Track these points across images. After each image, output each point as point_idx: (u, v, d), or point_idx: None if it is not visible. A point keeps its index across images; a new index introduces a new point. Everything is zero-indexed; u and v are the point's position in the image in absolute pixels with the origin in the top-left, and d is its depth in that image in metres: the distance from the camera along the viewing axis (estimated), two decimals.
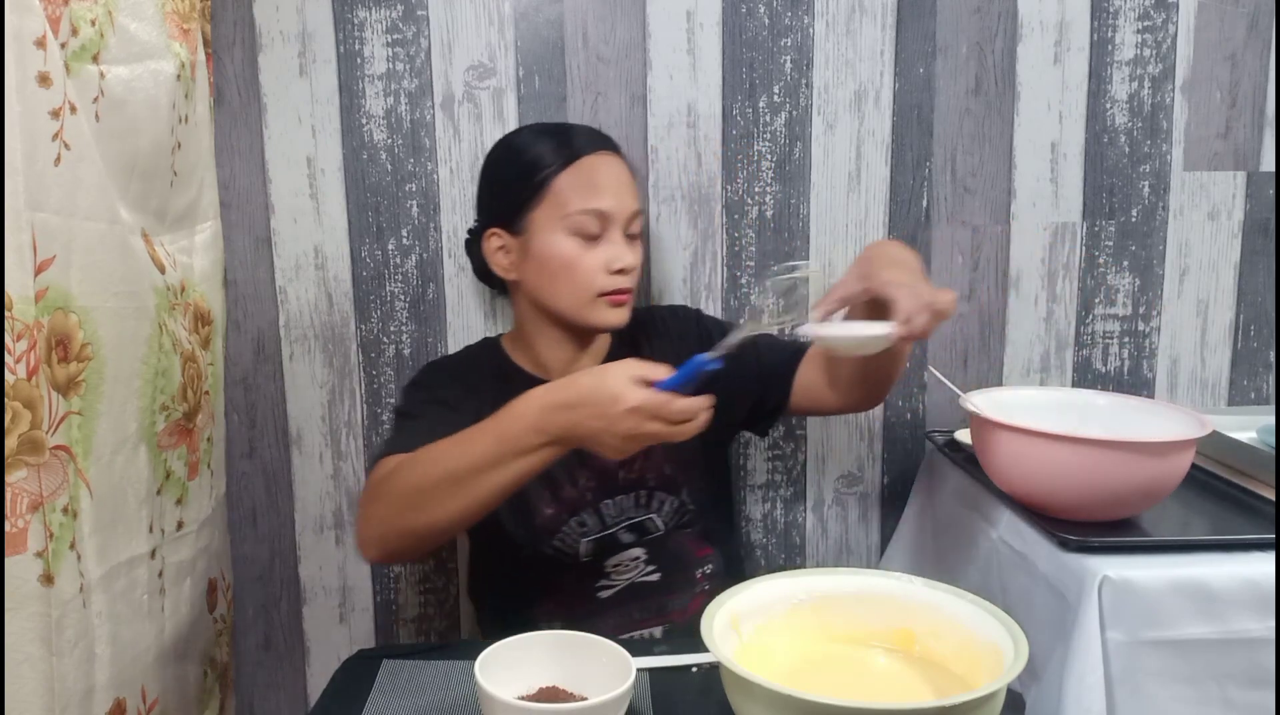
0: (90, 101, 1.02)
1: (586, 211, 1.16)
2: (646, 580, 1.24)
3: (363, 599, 1.55)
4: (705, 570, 1.27)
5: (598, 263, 1.18)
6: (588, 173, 1.18)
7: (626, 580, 1.23)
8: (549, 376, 1.25)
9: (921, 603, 0.90)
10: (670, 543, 1.25)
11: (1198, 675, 1.02)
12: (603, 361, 1.26)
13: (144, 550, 1.14)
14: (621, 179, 1.21)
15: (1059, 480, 1.09)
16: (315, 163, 1.45)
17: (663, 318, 1.34)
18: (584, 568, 1.23)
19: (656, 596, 1.24)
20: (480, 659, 0.86)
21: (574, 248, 1.17)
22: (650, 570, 1.24)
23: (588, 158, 1.19)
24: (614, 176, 1.20)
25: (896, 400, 1.56)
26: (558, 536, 1.22)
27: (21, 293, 0.89)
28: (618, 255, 1.18)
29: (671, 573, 1.25)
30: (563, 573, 1.23)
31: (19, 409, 0.89)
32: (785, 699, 0.71)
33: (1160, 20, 1.49)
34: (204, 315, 1.35)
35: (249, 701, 1.57)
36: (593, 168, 1.19)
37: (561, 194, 1.17)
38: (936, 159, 1.50)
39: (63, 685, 0.95)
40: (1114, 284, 1.55)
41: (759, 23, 1.45)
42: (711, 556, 1.27)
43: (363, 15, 1.41)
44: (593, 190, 1.17)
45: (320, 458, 1.51)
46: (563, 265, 1.18)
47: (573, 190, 1.17)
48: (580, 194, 1.17)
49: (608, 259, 1.17)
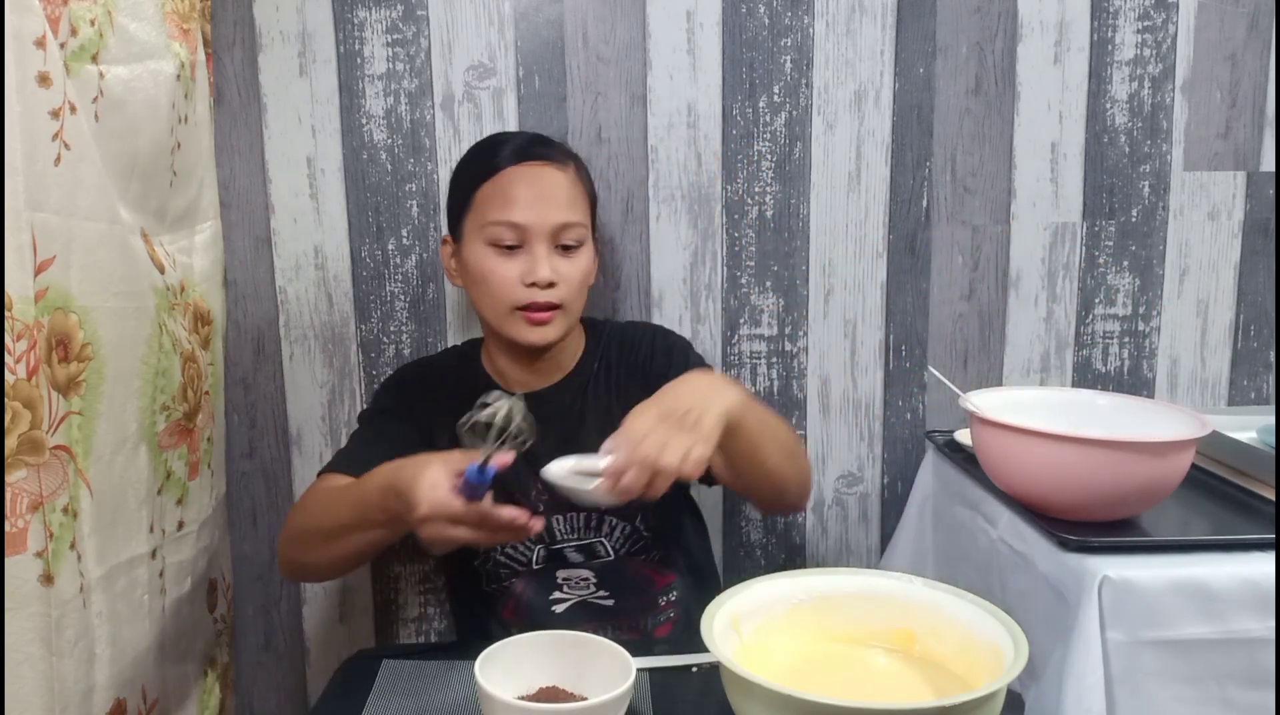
0: (90, 101, 1.02)
1: (499, 223, 1.16)
2: (599, 603, 1.23)
3: (363, 599, 1.55)
4: (670, 597, 1.25)
5: (513, 274, 1.16)
6: (505, 184, 1.17)
7: (578, 596, 1.23)
8: (507, 386, 1.25)
9: (921, 603, 0.90)
10: (626, 569, 1.24)
11: (1198, 675, 1.02)
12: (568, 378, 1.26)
13: (144, 550, 1.14)
14: (546, 191, 1.17)
15: (1059, 480, 1.09)
16: (315, 163, 1.45)
17: (634, 338, 1.29)
18: (538, 576, 1.23)
19: (614, 619, 1.22)
20: (480, 659, 0.86)
21: (491, 259, 1.17)
22: (602, 594, 1.23)
23: (510, 169, 1.18)
24: (536, 188, 1.17)
25: (896, 400, 1.56)
26: (509, 545, 1.22)
27: (21, 293, 0.89)
28: (531, 268, 1.15)
29: (626, 598, 1.23)
30: (519, 579, 1.23)
31: (19, 409, 0.89)
32: (785, 699, 0.71)
33: (1160, 20, 1.49)
34: (204, 315, 1.35)
35: (249, 701, 1.56)
36: (511, 180, 1.17)
37: (480, 205, 1.19)
38: (936, 159, 1.50)
39: (63, 685, 0.95)
40: (1114, 284, 1.55)
41: (759, 23, 1.45)
42: (675, 583, 1.26)
43: (363, 15, 1.41)
44: (506, 202, 1.16)
45: (320, 458, 1.51)
46: (481, 276, 1.18)
47: (488, 202, 1.18)
48: (495, 205, 1.17)
49: (522, 271, 1.16)
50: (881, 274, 1.53)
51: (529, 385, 1.25)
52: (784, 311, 1.52)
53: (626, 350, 1.28)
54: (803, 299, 1.52)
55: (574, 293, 1.19)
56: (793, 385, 1.54)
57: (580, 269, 1.20)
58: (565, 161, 1.22)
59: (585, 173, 1.26)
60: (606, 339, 1.29)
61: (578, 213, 1.20)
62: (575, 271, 1.19)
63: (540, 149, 1.21)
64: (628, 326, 1.35)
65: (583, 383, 1.26)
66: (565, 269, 1.18)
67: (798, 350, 1.53)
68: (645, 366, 1.25)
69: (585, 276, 1.21)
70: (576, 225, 1.19)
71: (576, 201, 1.20)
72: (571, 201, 1.19)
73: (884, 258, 1.52)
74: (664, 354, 1.26)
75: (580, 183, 1.22)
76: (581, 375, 1.27)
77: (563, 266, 1.18)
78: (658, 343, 1.28)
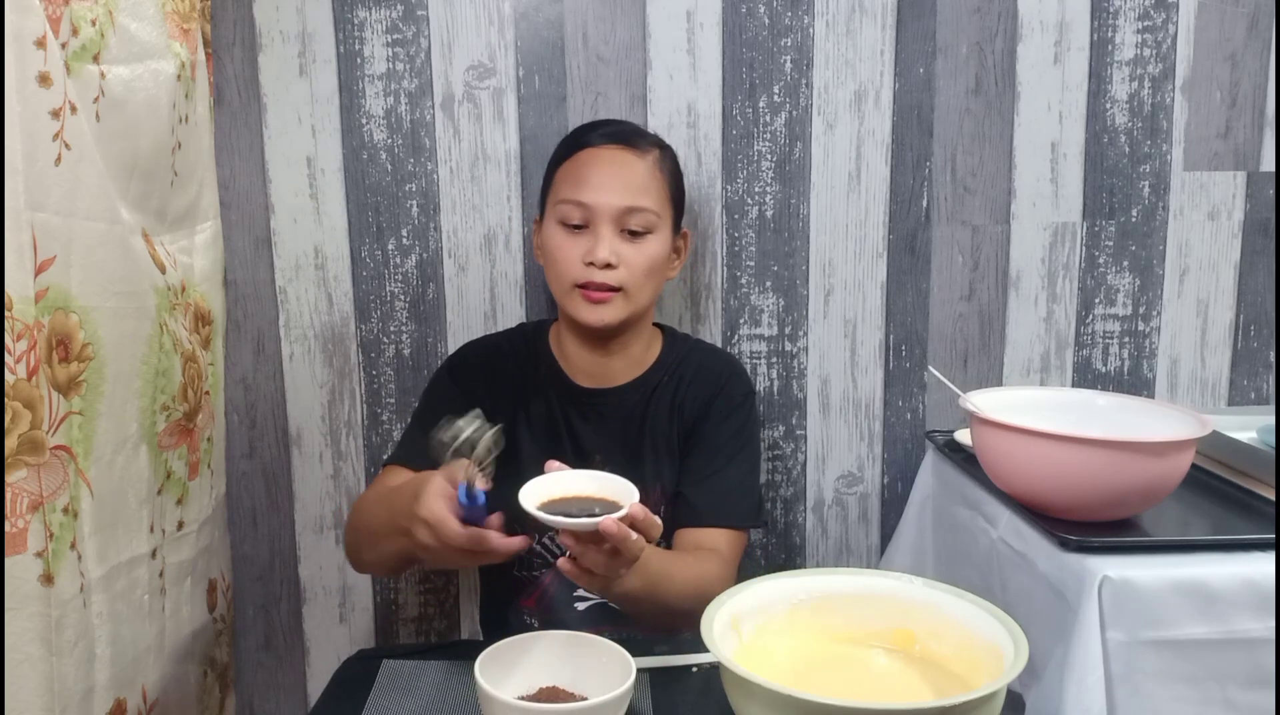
0: (91, 101, 1.02)
1: (569, 201, 1.19)
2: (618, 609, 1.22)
3: (363, 599, 1.55)
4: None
5: (576, 253, 1.18)
6: (580, 165, 1.21)
7: (599, 599, 1.23)
8: (568, 368, 1.27)
9: (921, 603, 0.90)
10: None
11: (1198, 675, 1.02)
12: (634, 383, 1.26)
13: (144, 550, 1.14)
14: (619, 174, 1.19)
15: (1059, 480, 1.09)
16: (315, 163, 1.45)
17: (715, 367, 1.29)
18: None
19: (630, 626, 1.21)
20: (480, 659, 0.86)
21: (560, 236, 1.20)
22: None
23: (587, 150, 1.21)
24: (609, 170, 1.19)
25: (896, 400, 1.56)
26: (549, 534, 1.22)
27: (21, 293, 0.88)
28: (592, 247, 1.17)
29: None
30: (549, 571, 1.25)
31: (19, 409, 0.89)
32: (785, 699, 0.71)
33: (1160, 20, 1.49)
34: (204, 315, 1.35)
35: (249, 701, 1.56)
36: (587, 160, 1.20)
37: (557, 183, 1.22)
38: (936, 159, 1.50)
39: (63, 685, 0.95)
40: (1114, 284, 1.55)
41: (759, 23, 1.45)
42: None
43: (363, 15, 1.41)
44: (578, 182, 1.19)
45: (320, 458, 1.51)
46: (549, 252, 1.22)
47: (564, 180, 1.21)
48: (568, 184, 1.20)
49: (584, 250, 1.18)
50: (881, 274, 1.53)
51: (595, 380, 1.26)
52: (784, 311, 1.52)
53: (702, 375, 1.28)
54: (803, 299, 1.52)
55: (637, 278, 1.19)
56: (793, 385, 1.54)
57: (646, 256, 1.19)
58: (646, 149, 1.22)
59: (670, 164, 1.25)
60: (685, 354, 1.30)
61: (650, 199, 1.19)
62: (640, 257, 1.19)
63: (620, 133, 1.23)
64: (711, 351, 1.34)
65: (648, 391, 1.27)
66: (628, 253, 1.18)
67: (798, 350, 1.53)
68: (709, 402, 1.26)
69: (652, 264, 1.20)
70: (645, 211, 1.19)
71: (650, 188, 1.20)
72: (644, 187, 1.19)
73: (884, 258, 1.52)
74: (726, 401, 1.26)
75: (660, 172, 1.22)
76: (648, 383, 1.27)
77: (626, 250, 1.18)
78: (732, 387, 1.27)
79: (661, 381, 1.27)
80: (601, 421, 1.26)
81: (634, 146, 1.22)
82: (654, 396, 1.27)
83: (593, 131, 1.24)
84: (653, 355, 1.29)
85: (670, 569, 1.07)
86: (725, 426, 1.25)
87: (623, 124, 1.28)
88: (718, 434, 1.24)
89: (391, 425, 1.51)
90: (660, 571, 1.03)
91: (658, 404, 1.26)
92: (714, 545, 1.19)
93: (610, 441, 1.26)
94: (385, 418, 1.51)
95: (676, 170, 1.27)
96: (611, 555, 0.89)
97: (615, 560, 0.90)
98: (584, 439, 1.26)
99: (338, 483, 1.52)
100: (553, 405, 1.27)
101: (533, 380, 1.27)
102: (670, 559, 1.12)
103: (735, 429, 1.25)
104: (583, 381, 1.27)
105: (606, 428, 1.26)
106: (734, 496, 1.23)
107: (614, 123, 1.28)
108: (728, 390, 1.27)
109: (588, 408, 1.26)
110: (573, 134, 1.28)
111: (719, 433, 1.24)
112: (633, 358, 1.27)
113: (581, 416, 1.26)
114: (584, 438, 1.26)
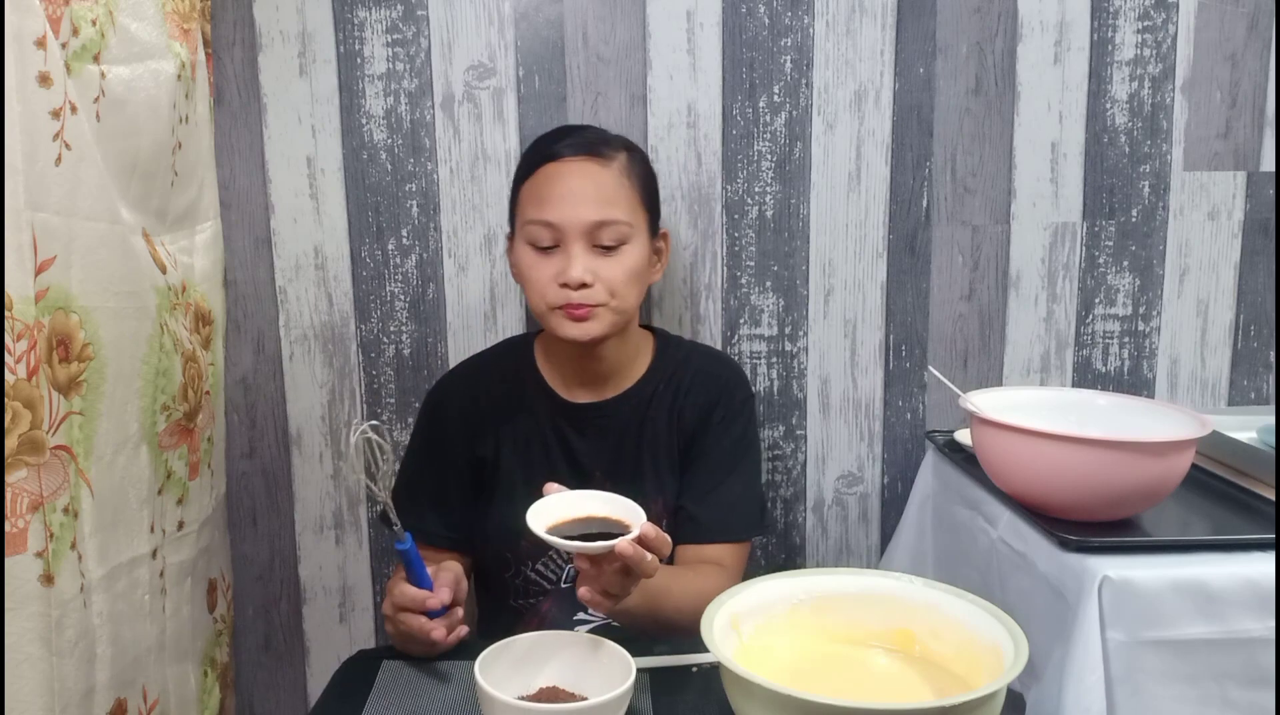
0: (91, 101, 1.02)
1: (535, 222, 1.15)
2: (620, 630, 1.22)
3: (363, 599, 1.55)
4: None
5: (549, 274, 1.14)
6: (543, 181, 1.15)
7: (603, 620, 1.21)
8: (557, 383, 1.25)
9: (921, 603, 0.90)
10: None
11: (1198, 675, 1.02)
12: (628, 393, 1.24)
13: (145, 550, 1.14)
14: (585, 187, 1.14)
15: (1059, 480, 1.09)
16: (315, 163, 1.45)
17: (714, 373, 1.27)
18: (567, 596, 1.22)
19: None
20: (480, 659, 0.86)
21: (531, 257, 1.16)
22: None
23: (548, 166, 1.15)
24: (574, 184, 1.14)
25: (896, 400, 1.56)
26: (542, 561, 1.22)
27: (22, 293, 0.89)
28: (563, 268, 1.13)
29: None
30: (546, 598, 1.24)
31: (19, 409, 0.89)
32: (785, 699, 0.71)
33: (1160, 20, 1.49)
34: (204, 315, 1.35)
35: (249, 701, 1.57)
36: (549, 177, 1.15)
37: (522, 203, 1.18)
38: (936, 159, 1.50)
39: (63, 685, 0.95)
40: (1114, 284, 1.55)
41: (759, 23, 1.45)
42: None
43: (363, 15, 1.41)
44: (542, 200, 1.14)
45: (320, 458, 1.51)
46: (522, 274, 1.18)
47: (528, 200, 1.17)
48: (532, 204, 1.16)
49: (557, 271, 1.13)
50: (881, 274, 1.53)
51: (587, 394, 1.24)
52: (784, 311, 1.52)
53: (700, 381, 1.25)
54: (803, 299, 1.52)
55: (617, 293, 1.14)
56: (793, 385, 1.54)
57: (624, 268, 1.14)
58: (612, 155, 1.17)
59: (638, 167, 1.19)
60: (681, 360, 1.27)
61: (620, 209, 1.14)
62: (617, 270, 1.14)
63: (583, 143, 1.17)
64: (708, 355, 1.31)
65: (644, 401, 1.24)
66: (604, 268, 1.13)
67: (798, 350, 1.53)
68: (709, 411, 1.23)
69: (630, 275, 1.15)
70: (616, 223, 1.14)
71: (619, 198, 1.15)
72: (612, 198, 1.14)
73: (884, 258, 1.52)
74: (726, 408, 1.24)
75: (628, 178, 1.17)
76: (644, 393, 1.24)
77: (601, 266, 1.13)
78: (732, 393, 1.26)
79: (657, 390, 1.24)
80: (598, 437, 1.23)
81: (598, 155, 1.15)
82: (651, 407, 1.24)
83: (554, 143, 1.17)
84: (644, 361, 1.26)
85: (670, 584, 1.06)
86: (726, 436, 1.23)
87: (584, 131, 1.22)
88: (719, 445, 1.22)
89: (391, 425, 1.51)
90: (660, 587, 1.03)
91: (656, 414, 1.24)
92: (717, 558, 1.18)
93: (609, 457, 1.23)
94: (385, 418, 1.51)
95: (647, 171, 1.22)
96: (624, 574, 0.90)
97: (627, 579, 0.92)
98: (581, 456, 1.23)
99: (338, 483, 1.52)
100: (544, 424, 1.24)
101: (522, 401, 1.24)
102: (670, 574, 1.10)
103: (736, 437, 1.24)
104: (574, 396, 1.24)
105: (604, 443, 1.23)
106: (737, 508, 1.22)
107: (575, 131, 1.22)
108: (727, 397, 1.25)
109: (583, 423, 1.23)
110: (533, 147, 1.21)
111: (720, 443, 1.23)
112: (623, 365, 1.24)
113: (577, 432, 1.23)
114: (581, 455, 1.23)
